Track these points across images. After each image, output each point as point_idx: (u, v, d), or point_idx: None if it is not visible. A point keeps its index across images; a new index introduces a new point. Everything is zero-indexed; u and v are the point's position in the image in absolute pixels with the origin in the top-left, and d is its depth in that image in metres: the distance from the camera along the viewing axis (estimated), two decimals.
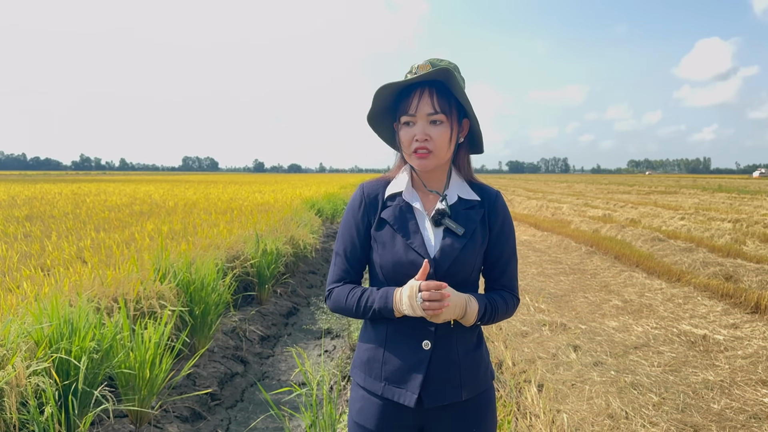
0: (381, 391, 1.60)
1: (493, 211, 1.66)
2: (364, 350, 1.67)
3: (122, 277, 4.51)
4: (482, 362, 1.66)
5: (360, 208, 1.68)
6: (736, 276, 7.67)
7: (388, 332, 1.61)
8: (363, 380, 1.65)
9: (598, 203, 21.81)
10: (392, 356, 1.59)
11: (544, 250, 11.06)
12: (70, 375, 3.13)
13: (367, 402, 1.63)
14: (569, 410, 3.74)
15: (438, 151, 1.56)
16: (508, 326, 5.64)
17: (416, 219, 1.62)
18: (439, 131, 1.55)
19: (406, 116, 1.57)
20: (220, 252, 6.25)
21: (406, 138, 1.58)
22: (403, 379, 1.57)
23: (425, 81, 1.55)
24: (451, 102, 1.56)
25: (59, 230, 8.10)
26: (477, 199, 1.65)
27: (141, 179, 41.89)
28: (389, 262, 1.58)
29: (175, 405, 3.89)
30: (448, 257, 1.55)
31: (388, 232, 1.61)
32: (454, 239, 1.57)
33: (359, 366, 1.68)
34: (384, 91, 1.55)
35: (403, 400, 1.56)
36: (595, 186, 44.12)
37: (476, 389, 1.63)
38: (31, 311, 3.33)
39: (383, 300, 1.54)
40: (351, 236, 1.68)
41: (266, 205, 13.54)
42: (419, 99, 1.54)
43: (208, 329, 4.81)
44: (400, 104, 1.60)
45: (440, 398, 1.57)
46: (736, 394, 4.02)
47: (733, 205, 20.43)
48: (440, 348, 1.57)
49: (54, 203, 14.02)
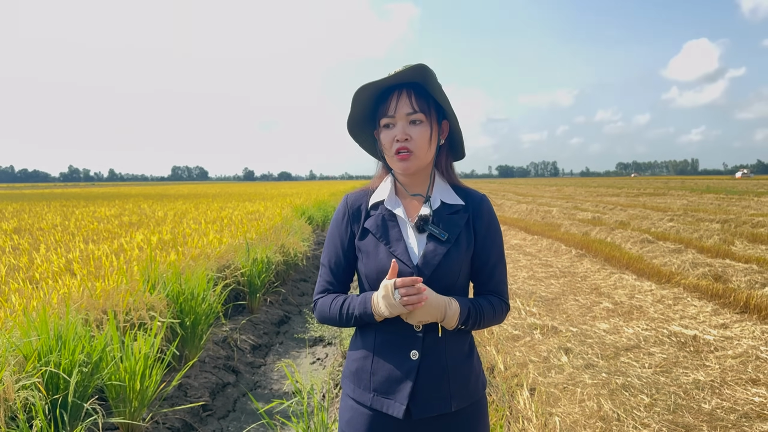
0: (370, 402, 1.59)
1: (478, 214, 1.64)
2: (353, 360, 1.67)
3: (111, 288, 4.49)
4: (473, 372, 1.64)
5: (343, 219, 1.69)
6: (725, 276, 7.72)
7: (376, 342, 1.60)
8: (352, 391, 1.64)
9: (587, 206, 21.92)
10: (381, 367, 1.58)
11: (534, 253, 11.10)
12: (60, 388, 3.10)
13: (356, 412, 1.62)
14: (561, 413, 3.74)
15: (419, 150, 1.56)
16: (500, 330, 5.64)
17: (399, 226, 1.62)
18: (419, 131, 1.55)
19: (385, 118, 1.57)
20: (210, 262, 6.23)
21: (387, 140, 1.58)
22: (391, 390, 1.56)
23: (403, 82, 1.56)
24: (429, 102, 1.58)
25: (48, 242, 8.04)
26: (461, 203, 1.64)
27: (129, 192, 41.68)
28: (373, 271, 1.59)
29: (166, 417, 3.87)
30: (430, 264, 1.54)
31: (371, 241, 1.62)
32: (438, 245, 1.56)
33: (349, 376, 1.67)
34: (362, 94, 1.55)
35: (391, 411, 1.55)
36: (585, 189, 44.30)
37: (467, 400, 1.61)
38: (20, 325, 3.30)
39: (362, 305, 1.55)
40: (335, 247, 1.69)
41: (256, 213, 13.51)
42: (398, 99, 1.55)
43: (198, 340, 4.79)
44: (378, 109, 1.61)
45: (429, 409, 1.55)
46: (726, 394, 4.04)
47: (722, 206, 20.58)
48: (429, 358, 1.56)
49: (42, 215, 13.94)
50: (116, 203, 15.63)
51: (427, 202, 1.62)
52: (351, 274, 1.71)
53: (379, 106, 1.60)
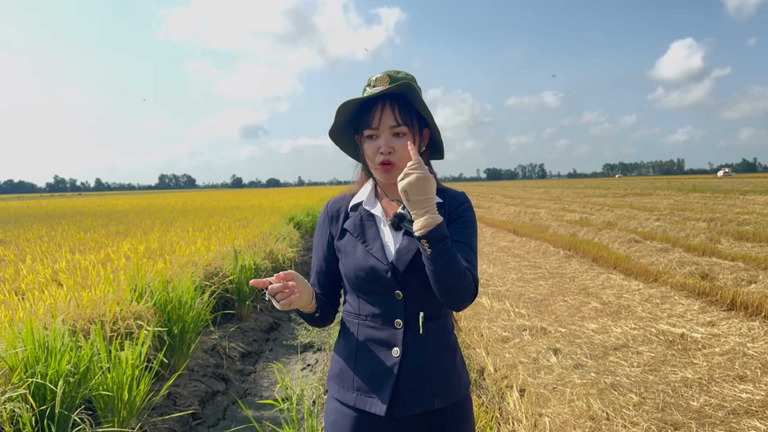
0: (353, 401, 1.60)
1: (454, 209, 1.64)
2: (336, 362, 1.69)
3: (98, 298, 4.46)
4: (455, 370, 1.64)
5: (324, 224, 1.73)
6: (711, 274, 7.79)
7: (358, 342, 1.62)
8: (337, 392, 1.66)
9: (575, 207, 22.03)
10: (363, 366, 1.60)
11: (523, 255, 11.14)
12: (47, 399, 3.08)
13: (340, 414, 1.63)
14: (551, 414, 3.76)
15: (402, 162, 1.57)
16: (489, 333, 5.66)
17: (377, 225, 1.64)
18: (403, 143, 1.57)
19: (369, 130, 1.58)
20: (198, 269, 6.20)
21: (371, 151, 1.59)
22: (373, 388, 1.57)
23: (386, 94, 1.57)
24: (412, 114, 1.59)
25: (34, 253, 7.98)
26: (439, 200, 1.65)
27: (115, 204, 41.48)
28: (351, 270, 1.61)
29: (155, 426, 3.84)
30: (403, 259, 1.55)
31: (349, 241, 1.64)
32: (412, 241, 1.57)
33: (333, 378, 1.68)
34: (346, 107, 1.56)
35: (373, 410, 1.56)
36: (572, 190, 44.55)
37: (450, 398, 1.61)
38: (5, 336, 3.27)
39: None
40: (320, 253, 1.73)
41: (244, 220, 13.47)
42: (382, 112, 1.56)
43: (186, 348, 4.76)
44: (361, 117, 1.61)
45: (411, 407, 1.55)
46: (714, 391, 4.07)
47: (707, 205, 20.76)
48: (410, 355, 1.57)
49: (28, 226, 13.82)
50: (102, 221, 15.56)
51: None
52: (337, 276, 1.73)
53: (362, 115, 1.61)
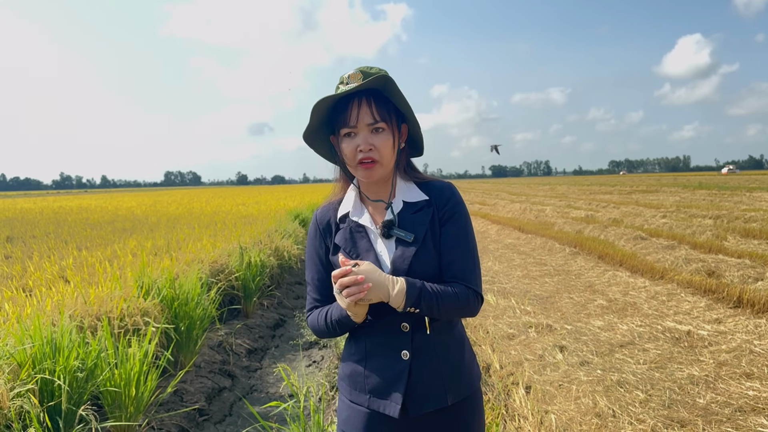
0: (366, 403, 1.60)
1: (441, 204, 1.61)
2: (346, 365, 1.69)
3: (105, 294, 4.48)
4: (465, 365, 1.65)
5: (316, 236, 1.70)
6: (718, 271, 7.76)
7: (367, 346, 1.62)
8: (349, 393, 1.66)
9: (580, 204, 21.97)
10: (373, 369, 1.60)
11: (528, 252, 11.12)
12: (55, 395, 3.10)
13: (353, 411, 1.64)
14: (557, 411, 3.76)
15: (383, 158, 1.55)
16: (495, 330, 5.66)
17: (368, 236, 1.61)
18: (382, 139, 1.54)
19: (346, 128, 1.55)
20: (204, 266, 6.22)
21: (350, 150, 1.55)
22: (385, 391, 1.57)
23: (361, 90, 1.53)
24: (389, 109, 1.56)
25: (41, 250, 8.02)
26: (425, 198, 1.62)
27: (120, 203, 41.64)
28: None
29: (162, 422, 3.86)
30: (400, 269, 1.53)
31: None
32: (405, 248, 1.55)
33: (344, 379, 1.69)
34: (321, 105, 1.52)
35: (388, 411, 1.56)
36: (578, 187, 44.44)
37: (462, 393, 1.62)
38: (13, 333, 3.30)
39: (338, 310, 1.56)
40: (315, 264, 1.71)
41: (250, 217, 13.49)
42: (359, 109, 1.53)
43: (193, 344, 4.78)
44: (336, 116, 1.58)
45: (425, 406, 1.56)
46: (721, 388, 4.06)
47: (714, 202, 20.66)
48: (420, 356, 1.56)
49: (35, 223, 13.88)
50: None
51: (389, 208, 1.61)
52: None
53: (337, 114, 1.57)
